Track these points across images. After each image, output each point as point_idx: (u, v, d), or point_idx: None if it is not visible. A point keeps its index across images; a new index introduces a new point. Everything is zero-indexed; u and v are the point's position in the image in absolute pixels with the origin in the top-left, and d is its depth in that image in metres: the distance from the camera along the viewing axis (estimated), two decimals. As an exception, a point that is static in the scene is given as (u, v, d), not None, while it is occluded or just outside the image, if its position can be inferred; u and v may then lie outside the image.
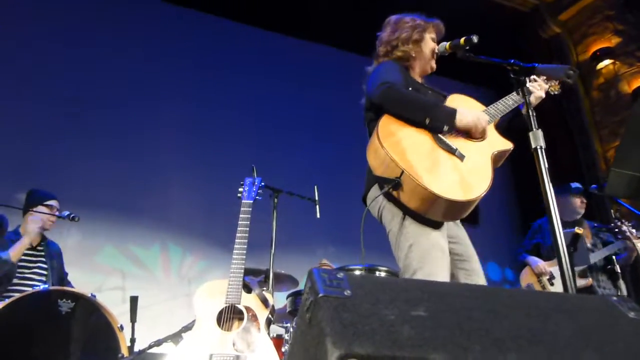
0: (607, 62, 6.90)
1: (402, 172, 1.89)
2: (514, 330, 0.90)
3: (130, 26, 6.09)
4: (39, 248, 3.65)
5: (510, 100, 2.26)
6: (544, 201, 1.65)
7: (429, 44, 2.40)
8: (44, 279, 3.57)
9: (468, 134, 2.09)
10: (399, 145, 1.97)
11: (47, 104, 5.37)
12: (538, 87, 2.26)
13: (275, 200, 3.95)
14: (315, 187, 4.25)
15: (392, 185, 1.93)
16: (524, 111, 2.21)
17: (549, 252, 3.93)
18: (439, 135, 2.05)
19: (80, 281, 4.08)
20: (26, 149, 5.17)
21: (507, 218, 7.34)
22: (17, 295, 2.51)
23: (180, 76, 6.19)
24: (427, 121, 2.02)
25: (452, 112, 2.06)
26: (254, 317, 2.31)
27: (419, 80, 2.39)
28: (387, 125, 2.04)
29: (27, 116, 5.25)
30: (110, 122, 5.61)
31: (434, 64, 2.41)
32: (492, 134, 2.17)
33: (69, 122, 5.44)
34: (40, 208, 3.63)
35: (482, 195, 1.94)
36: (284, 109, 6.71)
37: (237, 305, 2.35)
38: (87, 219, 4.20)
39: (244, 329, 2.27)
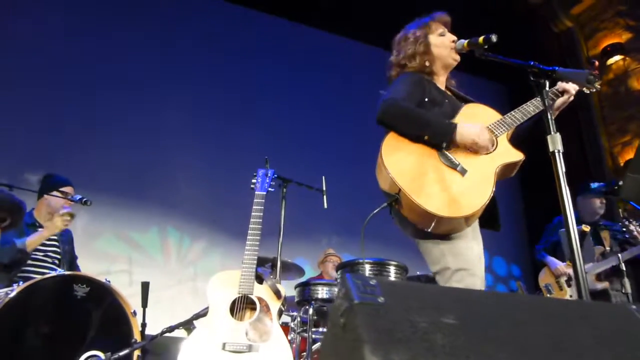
0: (617, 57, 6.89)
1: (399, 191, 1.95)
2: (538, 337, 0.93)
3: (144, 13, 6.10)
4: (53, 232, 3.67)
5: (531, 107, 2.21)
6: (560, 205, 1.67)
7: (437, 42, 2.36)
8: (56, 262, 3.61)
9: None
10: (400, 163, 2.02)
11: (56, 88, 5.40)
12: (571, 88, 2.20)
13: (284, 190, 3.97)
14: (323, 177, 4.27)
15: (392, 200, 2.02)
16: (562, 87, 2.20)
17: (568, 251, 3.96)
18: (443, 150, 2.06)
19: (87, 265, 4.12)
20: (34, 130, 5.21)
21: (513, 215, 7.40)
22: (37, 277, 2.56)
23: (191, 64, 6.20)
24: (426, 137, 2.04)
25: (451, 129, 2.05)
26: (266, 308, 2.35)
27: (442, 85, 2.37)
28: (391, 143, 2.09)
29: (37, 99, 5.28)
30: (119, 106, 5.64)
31: (455, 56, 2.34)
32: (503, 145, 2.14)
33: (77, 104, 5.47)
34: (55, 194, 3.65)
35: (476, 211, 1.96)
36: (295, 98, 6.72)
37: (249, 295, 2.40)
38: (94, 203, 4.24)
39: (256, 319, 2.31)
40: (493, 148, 2.11)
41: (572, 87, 2.22)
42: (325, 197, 4.21)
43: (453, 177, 2.00)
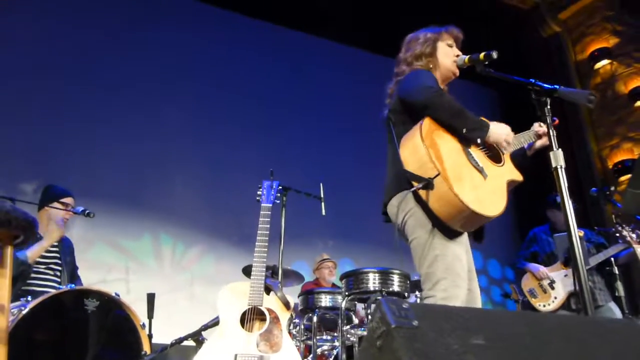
0: (604, 62, 7.04)
1: (438, 174, 1.97)
2: (559, 354, 1.00)
3: (146, 19, 6.12)
4: (54, 244, 3.69)
5: (522, 138, 2.38)
6: (564, 217, 1.76)
7: (444, 50, 2.44)
8: (58, 274, 3.62)
9: (491, 156, 2.21)
10: (438, 148, 2.06)
11: (51, 96, 5.40)
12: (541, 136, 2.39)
13: (284, 198, 4.01)
14: (321, 184, 4.31)
15: (422, 185, 2.00)
16: (528, 152, 2.41)
17: (548, 259, 4.16)
18: (470, 150, 2.15)
19: (83, 274, 4.12)
20: (29, 140, 5.20)
21: (507, 220, 7.53)
22: (51, 292, 2.59)
23: (190, 69, 6.24)
24: (464, 131, 2.12)
25: (486, 126, 2.17)
26: (276, 319, 2.40)
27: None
28: (431, 126, 2.12)
29: (31, 108, 5.27)
30: (115, 113, 5.65)
31: (455, 69, 2.44)
32: (508, 162, 2.28)
33: (72, 112, 5.47)
34: (56, 205, 3.66)
35: (497, 214, 2.05)
36: (293, 104, 6.78)
37: (259, 307, 2.45)
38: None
39: (267, 330, 2.36)
40: (502, 163, 2.21)
41: (541, 142, 2.38)
42: (323, 204, 4.26)
43: (478, 177, 2.09)
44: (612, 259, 3.75)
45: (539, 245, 4.30)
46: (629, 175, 6.48)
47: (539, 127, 2.39)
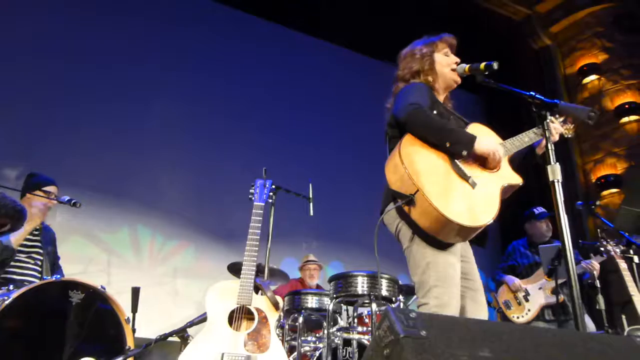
0: (592, 77, 7.14)
1: (417, 190, 1.99)
2: (561, 369, 1.01)
3: (137, 5, 6.03)
4: (35, 232, 3.63)
5: (527, 138, 2.34)
6: (559, 231, 1.77)
7: (442, 61, 2.45)
8: (39, 263, 3.56)
9: (483, 164, 2.19)
10: (418, 165, 2.07)
11: (37, 83, 5.30)
12: (553, 131, 2.30)
13: (274, 197, 4.00)
14: (310, 184, 4.30)
15: (405, 201, 2.04)
16: (538, 150, 2.36)
17: (526, 271, 4.22)
18: (456, 161, 2.14)
19: (63, 266, 4.05)
20: (11, 125, 5.10)
21: (490, 233, 7.58)
22: (36, 283, 2.54)
23: (176, 67, 6.17)
24: (448, 145, 2.11)
25: (472, 139, 2.14)
26: (264, 319, 2.39)
27: (442, 101, 2.45)
28: (410, 144, 2.14)
29: (15, 94, 5.17)
30: (98, 100, 5.58)
31: (456, 77, 2.44)
32: (505, 167, 2.26)
33: (55, 96, 5.38)
34: (39, 193, 3.60)
35: (488, 223, 2.06)
36: (284, 103, 6.76)
37: (248, 306, 2.43)
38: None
39: (255, 330, 2.34)
40: (497, 169, 2.21)
41: (555, 131, 2.35)
42: (311, 204, 4.25)
43: (464, 187, 2.09)
44: (595, 273, 3.81)
45: (517, 258, 4.35)
46: (611, 190, 6.60)
47: (551, 123, 2.31)
